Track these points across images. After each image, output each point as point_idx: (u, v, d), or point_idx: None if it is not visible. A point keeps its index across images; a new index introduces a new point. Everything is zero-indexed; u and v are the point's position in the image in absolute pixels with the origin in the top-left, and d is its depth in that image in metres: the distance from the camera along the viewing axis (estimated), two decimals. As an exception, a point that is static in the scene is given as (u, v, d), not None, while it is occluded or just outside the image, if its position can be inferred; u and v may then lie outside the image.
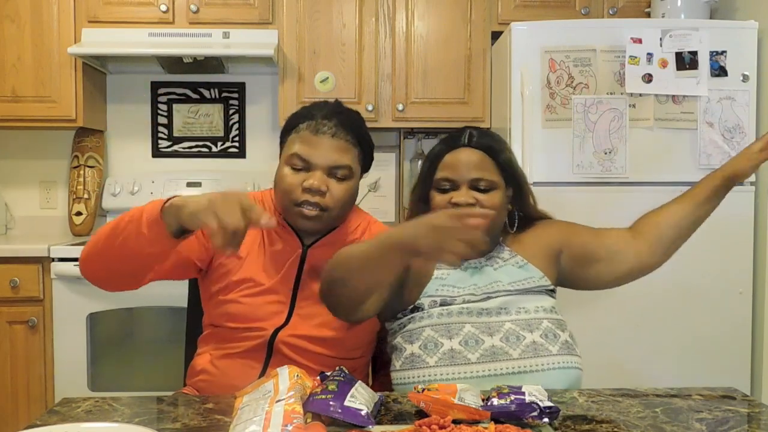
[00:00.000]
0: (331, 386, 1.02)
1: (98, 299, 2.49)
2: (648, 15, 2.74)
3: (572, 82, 2.38)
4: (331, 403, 0.98)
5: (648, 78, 2.36)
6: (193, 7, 2.79)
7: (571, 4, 2.83)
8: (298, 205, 1.38)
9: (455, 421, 0.98)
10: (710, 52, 2.36)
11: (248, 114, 3.17)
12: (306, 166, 1.39)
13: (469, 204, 1.35)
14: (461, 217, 1.07)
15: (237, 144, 3.17)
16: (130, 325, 2.63)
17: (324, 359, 1.39)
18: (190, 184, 2.98)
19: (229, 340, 1.41)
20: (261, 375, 1.37)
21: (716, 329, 2.38)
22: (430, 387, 1.05)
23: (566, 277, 1.46)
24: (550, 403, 1.02)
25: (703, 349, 2.37)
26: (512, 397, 1.02)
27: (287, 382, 1.02)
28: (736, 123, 2.37)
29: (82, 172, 3.01)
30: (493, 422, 0.99)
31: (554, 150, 2.35)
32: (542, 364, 1.27)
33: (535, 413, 1.00)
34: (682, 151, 2.37)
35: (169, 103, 3.16)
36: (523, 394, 1.03)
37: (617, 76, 2.37)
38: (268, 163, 3.07)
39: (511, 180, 1.43)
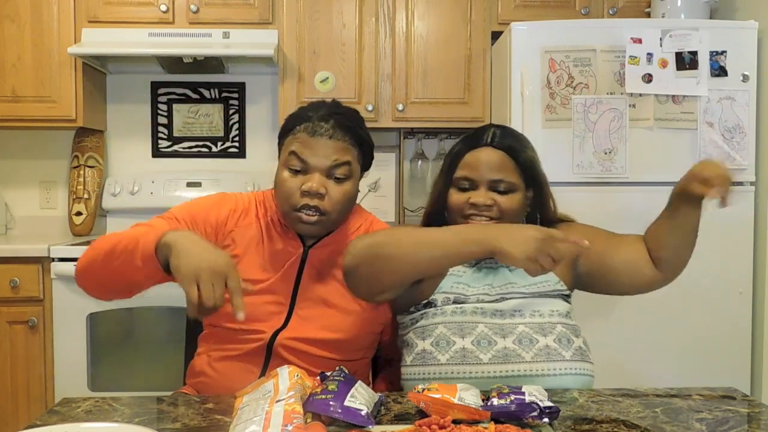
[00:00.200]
0: (331, 386, 1.02)
1: (98, 299, 2.49)
2: (648, 15, 2.74)
3: (572, 82, 2.38)
4: (331, 403, 0.98)
5: (648, 78, 2.35)
6: (193, 7, 2.79)
7: (571, 4, 2.83)
8: (297, 210, 1.37)
9: (455, 421, 0.98)
10: (710, 52, 2.36)
11: (248, 114, 3.17)
12: (304, 169, 1.38)
13: (487, 205, 1.35)
14: (556, 241, 1.13)
15: (237, 144, 3.17)
16: (130, 325, 2.63)
17: (324, 361, 1.38)
18: (190, 184, 2.98)
19: (228, 341, 1.40)
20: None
21: (716, 329, 2.38)
22: (430, 387, 1.05)
23: (583, 283, 1.46)
24: (550, 403, 1.02)
25: (703, 349, 2.38)
26: (512, 397, 1.02)
27: (287, 382, 1.02)
28: (736, 123, 2.37)
29: (82, 172, 3.01)
30: (493, 422, 0.99)
31: (554, 150, 2.35)
32: (554, 369, 1.27)
33: (535, 413, 1.00)
34: (682, 151, 2.36)
35: (169, 103, 3.16)
36: (523, 394, 1.03)
37: (617, 76, 2.37)
38: (268, 163, 3.07)
39: (531, 182, 1.42)
